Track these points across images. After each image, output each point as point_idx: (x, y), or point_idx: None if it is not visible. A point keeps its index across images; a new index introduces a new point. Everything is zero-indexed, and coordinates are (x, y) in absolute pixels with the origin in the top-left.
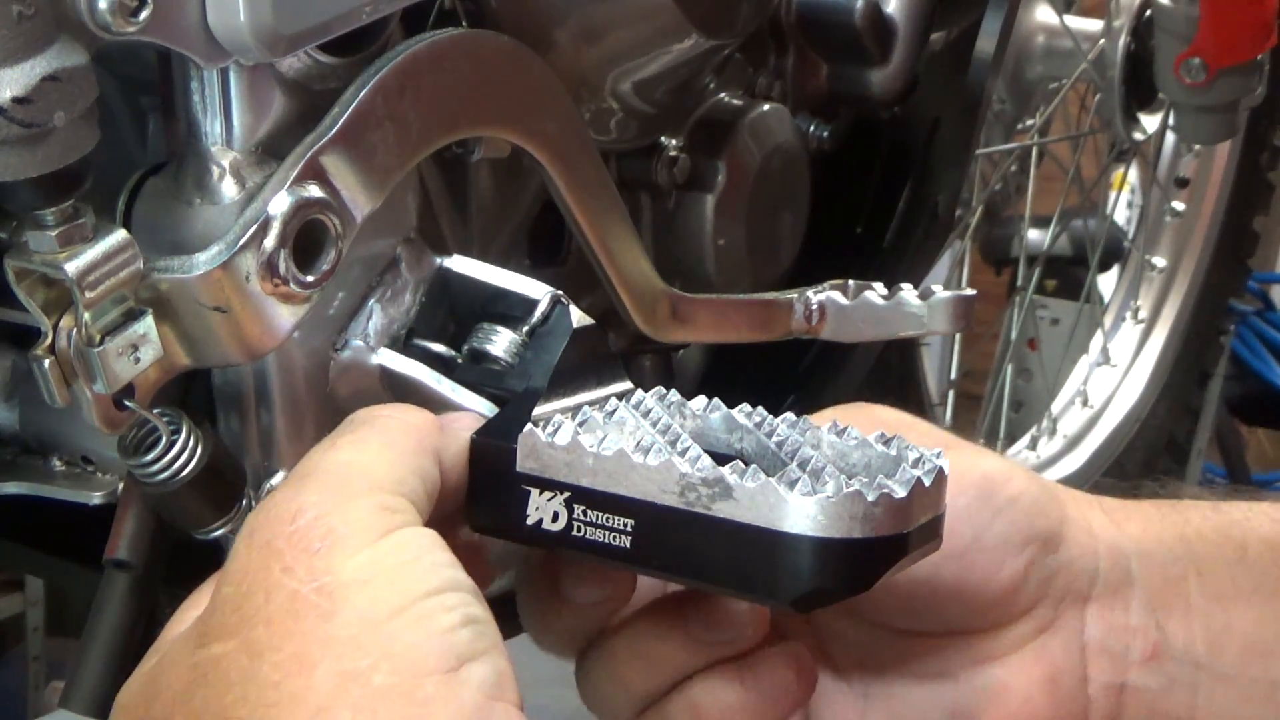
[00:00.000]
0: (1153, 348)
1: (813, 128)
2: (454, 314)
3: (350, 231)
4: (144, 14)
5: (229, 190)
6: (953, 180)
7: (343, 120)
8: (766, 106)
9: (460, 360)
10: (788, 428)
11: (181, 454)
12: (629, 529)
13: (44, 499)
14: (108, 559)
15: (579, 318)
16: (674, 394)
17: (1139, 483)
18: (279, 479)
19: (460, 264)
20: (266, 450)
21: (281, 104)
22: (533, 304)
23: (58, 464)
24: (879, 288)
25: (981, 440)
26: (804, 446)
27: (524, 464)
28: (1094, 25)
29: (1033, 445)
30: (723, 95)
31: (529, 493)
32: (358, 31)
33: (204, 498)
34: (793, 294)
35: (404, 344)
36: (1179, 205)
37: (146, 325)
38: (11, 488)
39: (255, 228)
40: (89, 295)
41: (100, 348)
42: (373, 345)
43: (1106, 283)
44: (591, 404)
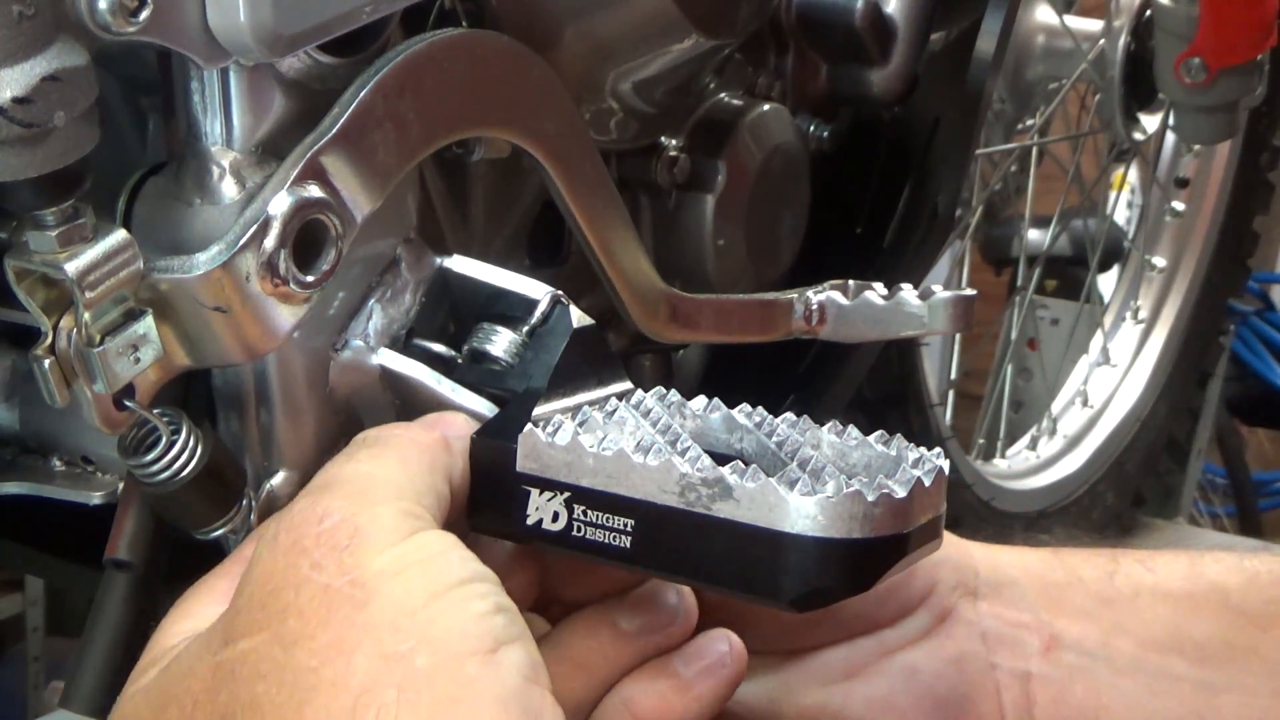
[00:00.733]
0: (1153, 348)
1: (813, 128)
2: (454, 314)
3: (350, 231)
4: (144, 14)
5: (229, 190)
6: (953, 180)
7: (343, 120)
8: (766, 106)
9: (460, 360)
10: (788, 428)
11: (181, 454)
12: (629, 529)
13: (44, 499)
14: (108, 559)
15: (579, 318)
16: (674, 394)
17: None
18: (279, 479)
19: (460, 264)
20: (266, 450)
21: (281, 104)
22: (533, 304)
23: (58, 464)
24: (879, 288)
25: (982, 440)
26: (804, 446)
27: (524, 464)
28: (1094, 25)
29: (1033, 445)
30: (723, 95)
31: (529, 493)
32: (358, 31)
33: (204, 498)
34: (793, 294)
35: (404, 344)
36: (1179, 205)
37: (146, 325)
38: (11, 488)
39: (255, 228)
40: (89, 295)
41: (100, 348)
42: (373, 345)
43: (1106, 283)
44: (591, 404)
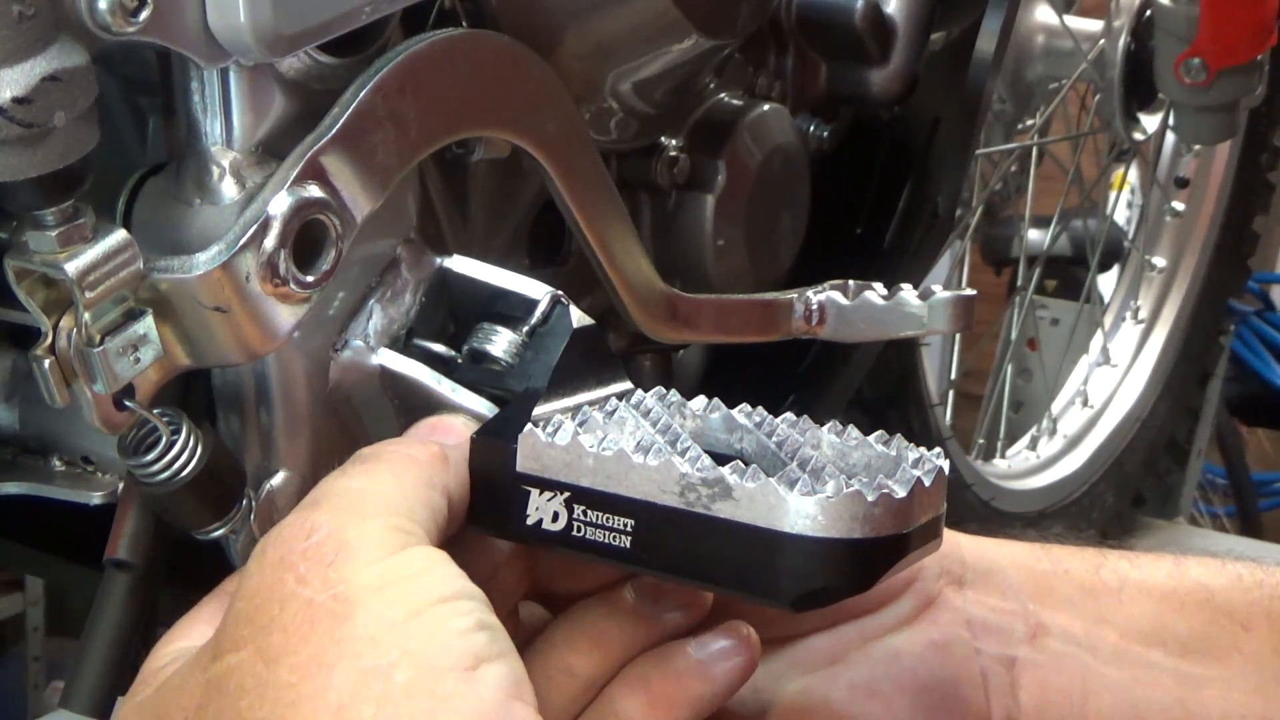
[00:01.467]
0: (1153, 348)
1: (813, 128)
2: (454, 314)
3: (350, 231)
4: (144, 14)
5: (229, 190)
6: (953, 180)
7: (343, 120)
8: (766, 106)
9: (460, 360)
10: (788, 428)
11: (181, 454)
12: (629, 529)
13: (44, 499)
14: (108, 559)
15: (579, 318)
16: (674, 394)
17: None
18: (279, 479)
19: (460, 264)
20: (266, 450)
21: (281, 104)
22: (533, 304)
23: (58, 464)
24: (879, 288)
25: (982, 440)
26: (804, 446)
27: (524, 464)
28: (1094, 25)
29: (1033, 445)
30: (723, 95)
31: (529, 493)
32: (358, 31)
33: (204, 498)
34: (793, 294)
35: (404, 344)
36: (1179, 205)
37: (146, 325)
38: (11, 488)
39: (255, 228)
40: (89, 295)
41: (100, 348)
42: (373, 345)
43: (1106, 283)
44: (591, 404)
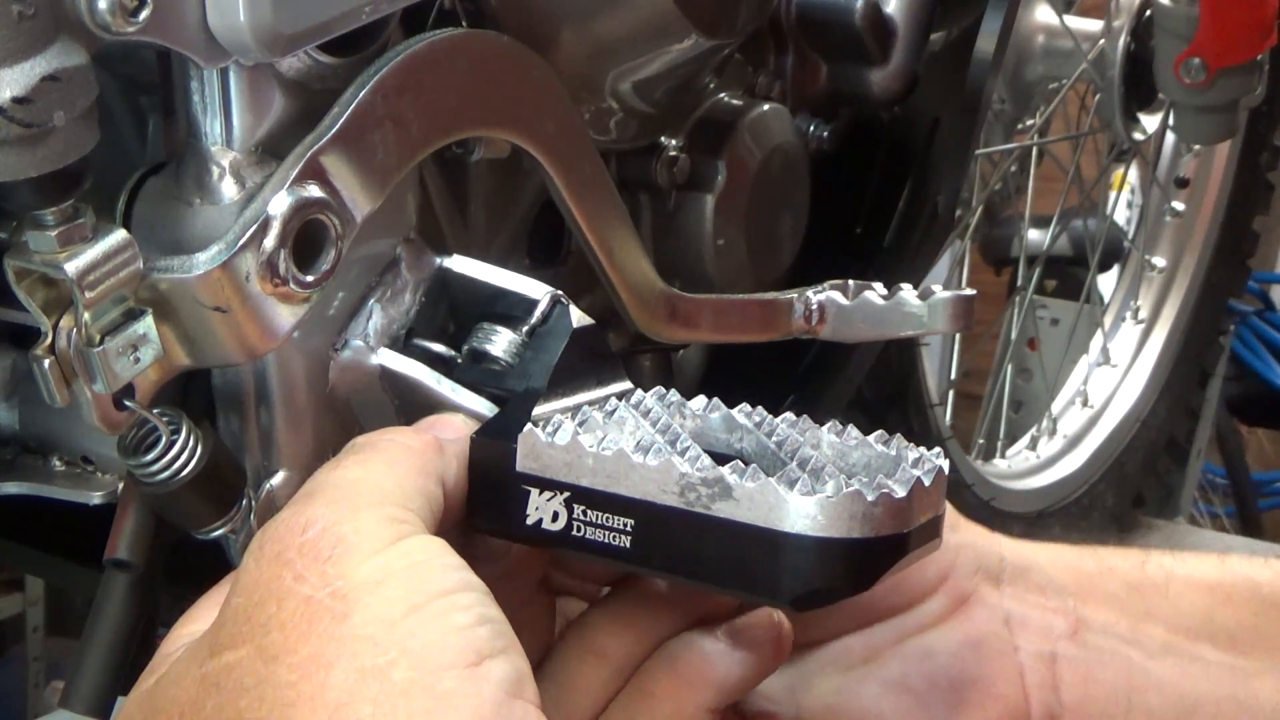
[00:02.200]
0: (1153, 348)
1: (813, 128)
2: (454, 314)
3: (350, 231)
4: (144, 14)
5: (229, 190)
6: (953, 180)
7: (343, 120)
8: (766, 106)
9: (460, 360)
10: (788, 428)
11: (181, 454)
12: (629, 529)
13: (44, 499)
14: (108, 559)
15: (579, 318)
16: (674, 394)
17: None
18: (279, 479)
19: (460, 264)
20: (266, 450)
21: (281, 104)
22: (533, 304)
23: (58, 464)
24: (879, 288)
25: (982, 440)
26: (804, 446)
27: (524, 464)
28: (1094, 25)
29: (1033, 445)
30: (723, 95)
31: (529, 493)
32: (358, 31)
33: (204, 498)
34: (793, 294)
35: (404, 344)
36: (1179, 205)
37: (146, 325)
38: (11, 488)
39: (255, 228)
40: (89, 295)
41: (100, 348)
42: (373, 345)
43: (1106, 283)
44: (591, 404)
